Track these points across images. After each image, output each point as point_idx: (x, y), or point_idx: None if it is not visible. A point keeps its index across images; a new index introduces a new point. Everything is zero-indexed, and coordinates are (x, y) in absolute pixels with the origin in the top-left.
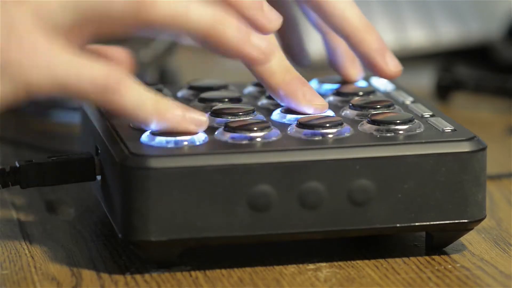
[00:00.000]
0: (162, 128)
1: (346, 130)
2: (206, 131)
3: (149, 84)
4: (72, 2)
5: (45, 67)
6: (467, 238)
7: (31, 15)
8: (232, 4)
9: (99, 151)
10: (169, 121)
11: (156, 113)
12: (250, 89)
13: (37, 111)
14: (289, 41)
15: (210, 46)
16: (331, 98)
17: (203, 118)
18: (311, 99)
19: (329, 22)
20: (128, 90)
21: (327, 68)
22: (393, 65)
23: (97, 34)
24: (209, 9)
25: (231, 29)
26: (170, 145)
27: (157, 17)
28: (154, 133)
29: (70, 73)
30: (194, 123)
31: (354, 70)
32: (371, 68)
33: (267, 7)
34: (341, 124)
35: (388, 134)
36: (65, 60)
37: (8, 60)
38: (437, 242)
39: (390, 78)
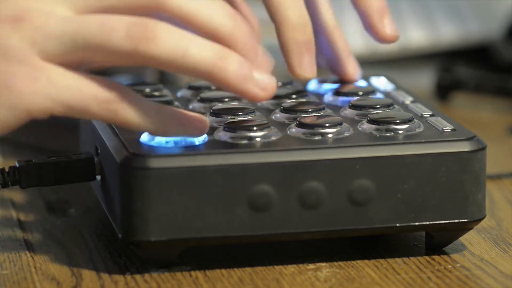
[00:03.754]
0: (166, 136)
1: (346, 130)
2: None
3: (148, 84)
4: (70, 32)
5: (44, 89)
6: (467, 238)
7: (27, 41)
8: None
9: (99, 151)
10: (171, 131)
11: (160, 123)
12: None
13: None
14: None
15: (211, 82)
16: (331, 98)
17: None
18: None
19: None
20: (131, 102)
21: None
22: (390, 28)
23: (93, 63)
24: (209, 47)
25: (232, 66)
26: (170, 145)
27: (155, 55)
28: None
29: (70, 90)
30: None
31: (350, 69)
32: (369, 29)
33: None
34: (341, 124)
35: (388, 134)
36: (64, 78)
37: (6, 86)
38: (437, 242)
39: (385, 41)
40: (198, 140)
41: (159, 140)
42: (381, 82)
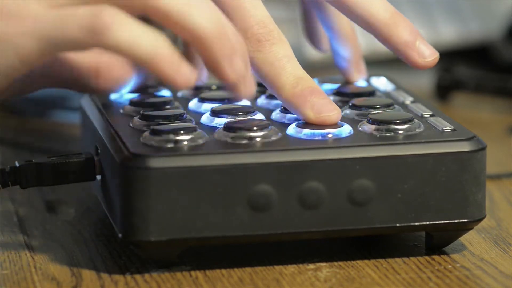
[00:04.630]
0: (153, 73)
1: (346, 130)
2: (206, 131)
3: (148, 86)
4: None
5: (30, 30)
6: (467, 238)
7: None
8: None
9: (99, 151)
10: (163, 68)
11: (153, 54)
12: None
13: (37, 111)
14: (309, 25)
15: (195, 48)
16: (331, 98)
17: (194, 75)
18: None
19: (353, 20)
20: (120, 26)
21: (328, 68)
22: (426, 54)
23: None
24: (210, 15)
25: (222, 42)
26: (170, 145)
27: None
28: (155, 133)
29: (54, 24)
30: (185, 78)
31: (357, 74)
32: (406, 62)
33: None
34: (342, 125)
35: (388, 134)
36: (50, 15)
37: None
38: (437, 242)
39: (426, 68)
40: (198, 140)
41: (159, 140)
42: (381, 82)
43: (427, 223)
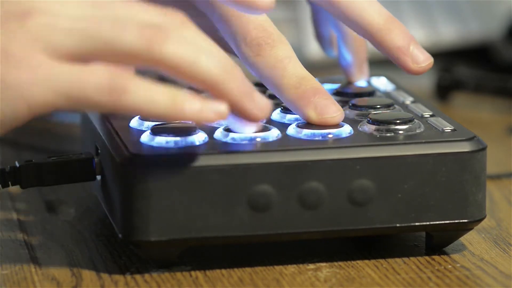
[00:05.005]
0: (181, 120)
1: (346, 130)
2: (205, 131)
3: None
4: (80, 30)
5: (45, 82)
6: (467, 238)
7: (32, 37)
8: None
9: (99, 151)
10: (187, 114)
11: (173, 107)
12: None
13: None
14: (321, 29)
15: (213, 94)
16: None
17: (223, 108)
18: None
19: (348, 25)
20: (137, 87)
21: (328, 68)
22: (420, 60)
23: (101, 61)
24: (219, 58)
25: (236, 82)
26: (170, 145)
27: (166, 58)
28: (155, 133)
29: (72, 81)
30: (213, 113)
31: (360, 75)
32: (400, 67)
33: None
34: (342, 125)
35: (388, 134)
36: (65, 69)
37: (6, 81)
38: (437, 242)
39: (420, 74)
40: (198, 140)
41: (159, 140)
42: (381, 82)
43: (427, 223)
